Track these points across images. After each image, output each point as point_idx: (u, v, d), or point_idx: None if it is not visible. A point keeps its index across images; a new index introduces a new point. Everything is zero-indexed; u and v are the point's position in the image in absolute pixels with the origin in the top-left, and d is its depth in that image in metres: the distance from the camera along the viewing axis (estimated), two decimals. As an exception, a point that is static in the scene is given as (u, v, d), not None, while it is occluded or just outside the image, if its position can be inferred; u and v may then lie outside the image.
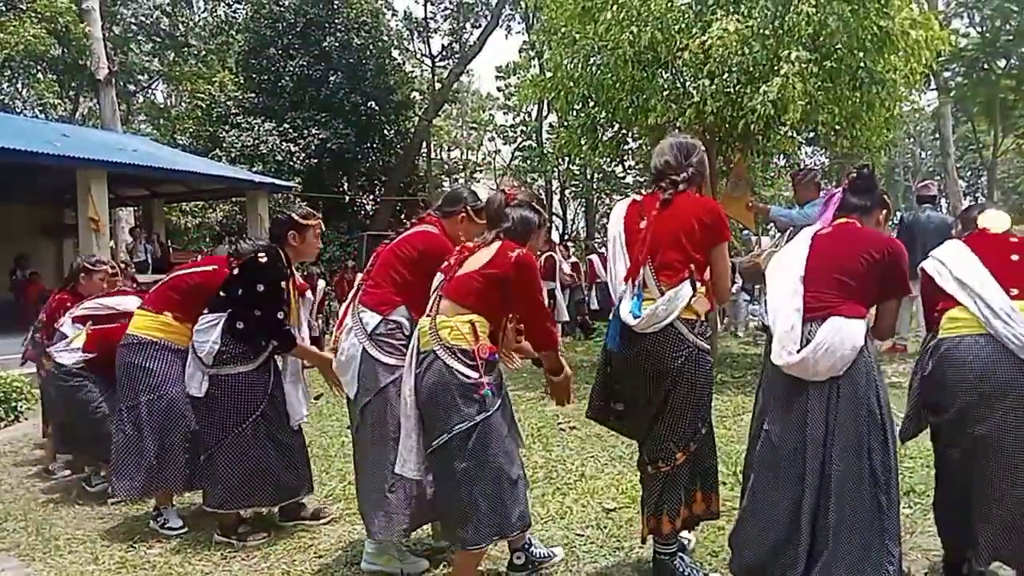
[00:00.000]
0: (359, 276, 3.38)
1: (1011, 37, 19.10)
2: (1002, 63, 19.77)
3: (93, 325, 4.41)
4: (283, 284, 3.47)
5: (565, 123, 8.90)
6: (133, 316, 3.96)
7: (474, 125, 31.63)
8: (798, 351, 2.60)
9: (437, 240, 3.14)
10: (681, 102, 7.08)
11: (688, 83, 7.23)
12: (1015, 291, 2.55)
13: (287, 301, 3.49)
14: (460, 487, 2.60)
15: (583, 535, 3.45)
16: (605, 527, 3.52)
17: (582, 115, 7.93)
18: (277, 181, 16.15)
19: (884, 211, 2.91)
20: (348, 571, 3.15)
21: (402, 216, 24.01)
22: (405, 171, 23.33)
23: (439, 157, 30.29)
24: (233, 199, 19.87)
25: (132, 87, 28.27)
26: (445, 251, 2.99)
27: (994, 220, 2.94)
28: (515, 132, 26.61)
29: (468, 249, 2.84)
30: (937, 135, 24.88)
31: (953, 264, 2.71)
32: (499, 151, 31.30)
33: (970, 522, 2.61)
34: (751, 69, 6.61)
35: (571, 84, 7.57)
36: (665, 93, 7.15)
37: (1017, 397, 2.48)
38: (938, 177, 24.62)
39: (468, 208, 3.24)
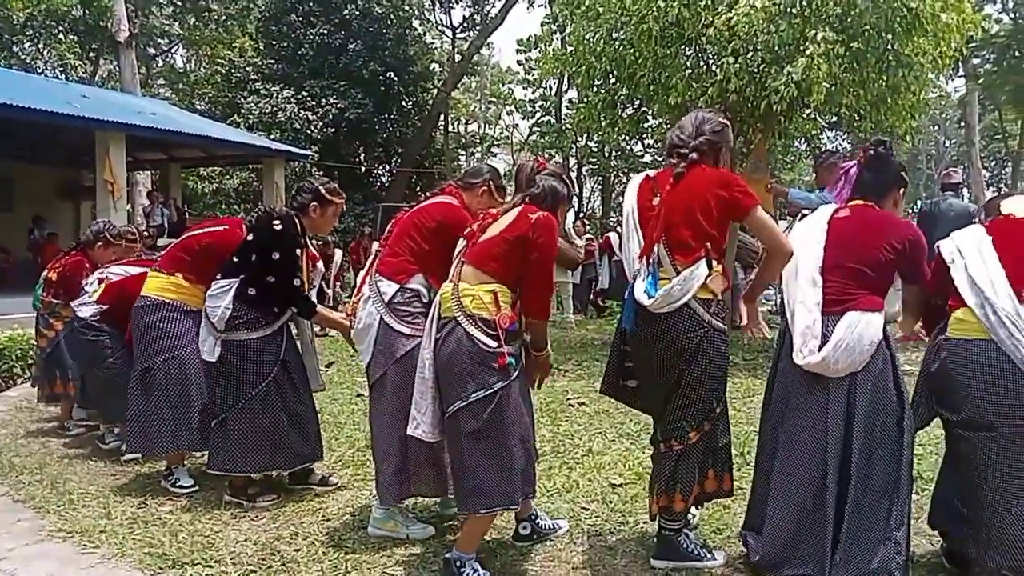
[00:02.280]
0: (375, 245, 3.38)
1: (1044, 24, 18.71)
2: (1033, 51, 19.35)
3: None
4: (297, 252, 3.48)
5: (585, 99, 8.83)
6: (147, 276, 4.00)
7: (493, 99, 31.40)
8: (819, 348, 2.60)
9: (456, 211, 3.13)
10: (704, 80, 7.00)
11: (712, 61, 7.15)
12: None
13: (300, 269, 3.50)
14: (473, 454, 2.62)
15: (588, 509, 3.47)
16: (611, 502, 3.54)
17: (602, 91, 7.86)
18: (294, 149, 16.15)
19: (901, 189, 2.85)
20: (355, 535, 3.19)
21: (417, 188, 24.04)
22: (422, 143, 23.25)
23: (456, 130, 30.14)
24: (250, 166, 19.93)
25: (152, 50, 28.27)
26: (463, 222, 2.99)
27: (1019, 205, 2.88)
28: (534, 107, 26.38)
29: (492, 215, 2.83)
30: (962, 123, 24.47)
31: (969, 256, 2.63)
32: (517, 126, 31.09)
33: (970, 514, 2.60)
34: (776, 49, 6.50)
35: (593, 59, 7.50)
36: (688, 71, 7.06)
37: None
38: (962, 166, 24.26)
39: (491, 183, 3.24)
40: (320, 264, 4.06)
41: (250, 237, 3.53)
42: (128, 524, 3.35)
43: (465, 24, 25.00)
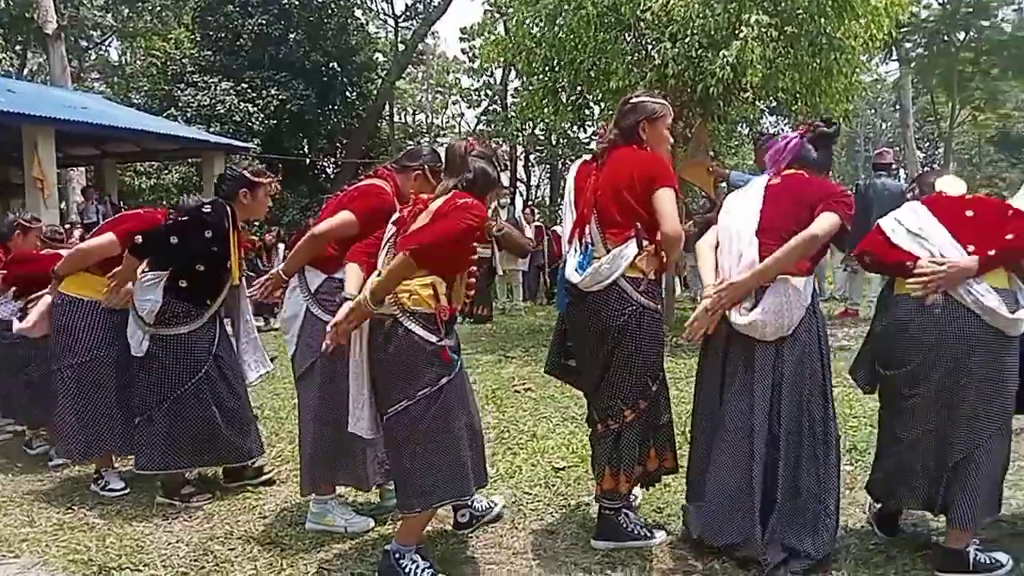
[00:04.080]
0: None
1: (971, 10, 19.33)
2: (961, 35, 20.00)
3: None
4: (228, 240, 3.37)
5: (529, 86, 8.79)
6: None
7: (440, 89, 31.13)
8: (749, 310, 2.62)
9: (380, 195, 3.05)
10: (643, 65, 7.02)
11: (651, 46, 7.17)
12: (971, 248, 2.51)
13: (229, 257, 3.40)
14: (420, 454, 2.53)
15: (531, 493, 3.46)
16: (553, 485, 3.54)
17: (544, 77, 7.83)
18: (234, 142, 15.76)
19: (828, 172, 2.91)
20: (292, 531, 3.12)
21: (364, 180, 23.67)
22: (367, 134, 22.93)
23: (403, 120, 29.80)
24: (189, 160, 19.38)
25: (85, 43, 27.27)
26: (389, 206, 2.92)
27: (950, 184, 2.95)
28: (479, 96, 26.24)
29: (423, 201, 2.75)
30: (897, 106, 25.20)
31: (908, 220, 2.70)
32: (463, 115, 30.88)
33: (909, 477, 2.65)
34: (712, 33, 6.56)
35: (533, 45, 7.46)
36: (627, 56, 7.07)
37: (978, 361, 2.45)
38: (897, 148, 24.98)
39: (426, 166, 3.16)
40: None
41: (179, 224, 3.40)
42: (53, 531, 3.22)
43: (408, 13, 24.70)
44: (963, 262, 2.47)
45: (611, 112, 9.32)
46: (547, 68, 7.77)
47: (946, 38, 20.02)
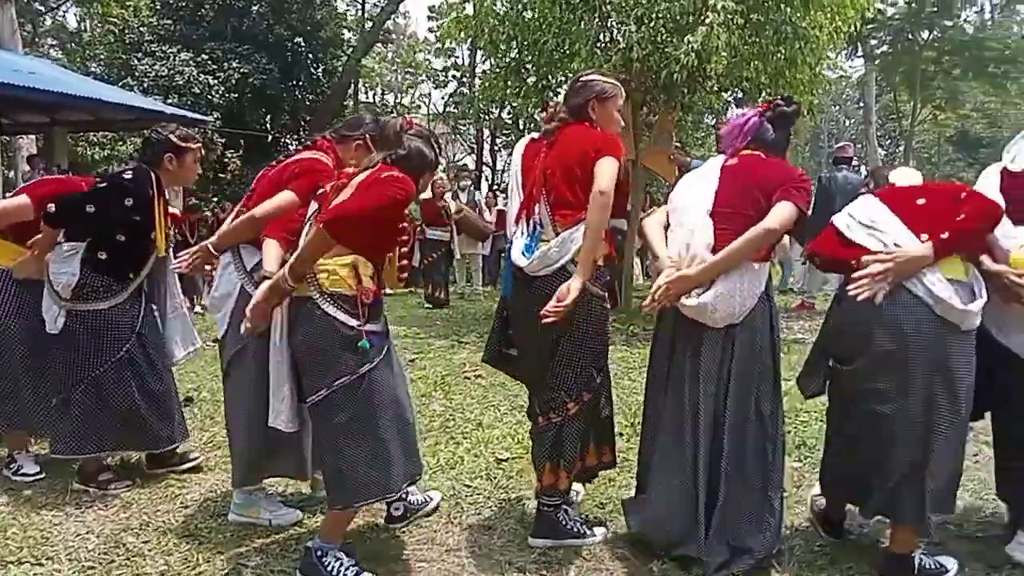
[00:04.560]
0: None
1: (935, 9, 19.54)
2: (925, 34, 20.23)
3: None
4: (152, 208, 3.16)
5: (497, 68, 8.60)
6: None
7: (410, 69, 30.62)
8: (700, 294, 2.50)
9: (324, 169, 2.85)
10: (607, 49, 6.88)
11: (615, 29, 7.03)
12: (924, 236, 2.41)
13: (154, 227, 3.18)
14: (343, 446, 2.37)
15: (471, 486, 3.32)
16: (495, 478, 3.41)
17: (508, 58, 7.64)
18: (190, 114, 15.22)
19: (789, 150, 2.79)
20: (213, 523, 2.94)
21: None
22: (332, 111, 22.40)
23: (372, 100, 29.30)
24: (144, 131, 18.72)
25: (40, 7, 26.29)
26: (321, 180, 2.73)
27: (905, 176, 2.87)
28: (447, 76, 25.86)
29: (347, 175, 2.57)
30: (861, 103, 25.47)
31: (860, 213, 2.61)
32: (430, 95, 30.43)
33: (858, 477, 2.57)
34: (678, 17, 6.44)
35: (496, 23, 7.26)
36: (591, 38, 6.92)
37: (930, 356, 2.35)
38: (859, 144, 25.30)
39: (368, 135, 2.96)
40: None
41: (95, 193, 3.17)
42: (-49, 519, 2.99)
43: (376, -11, 24.19)
44: (914, 249, 2.36)
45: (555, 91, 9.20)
46: (510, 47, 7.58)
47: (910, 36, 20.23)
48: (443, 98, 27.20)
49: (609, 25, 7.13)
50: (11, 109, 12.54)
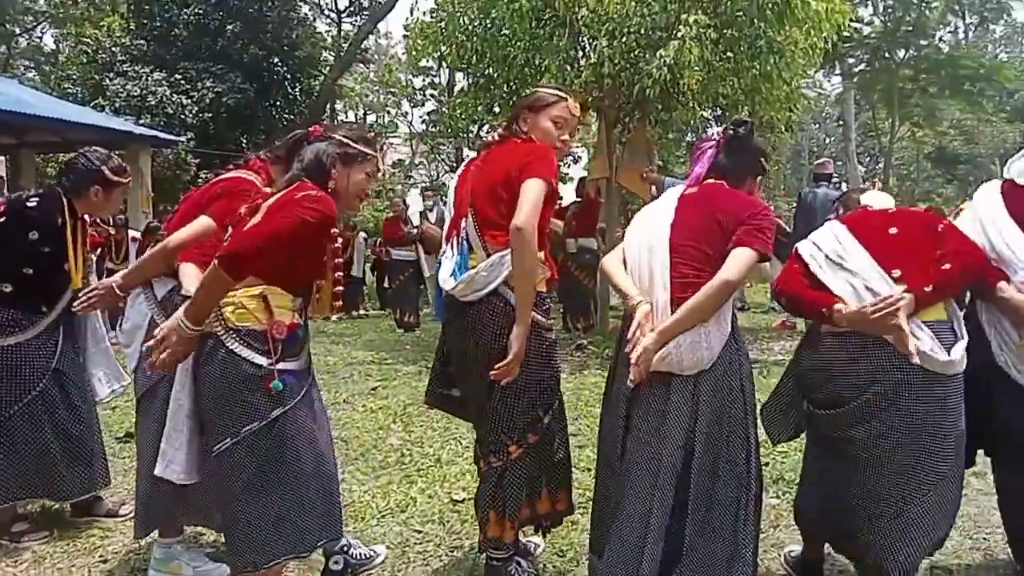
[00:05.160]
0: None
1: (911, 28, 19.68)
2: (901, 53, 20.36)
3: None
4: (62, 238, 2.89)
5: (468, 85, 8.42)
6: None
7: (392, 89, 30.44)
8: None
9: (248, 190, 2.58)
10: (578, 64, 6.70)
11: (587, 44, 6.86)
12: (897, 272, 2.22)
13: (67, 258, 2.91)
14: (250, 501, 2.08)
15: (422, 531, 3.06)
16: (448, 522, 3.14)
17: (477, 74, 7.46)
18: (161, 134, 14.96)
19: (758, 177, 2.52)
20: (131, 580, 2.65)
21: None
22: (309, 132, 22.26)
23: (353, 120, 29.07)
24: (118, 152, 18.42)
25: (16, 29, 26.05)
26: (247, 201, 2.47)
27: (876, 199, 2.68)
28: (424, 96, 25.69)
29: (264, 196, 2.31)
30: (841, 121, 25.59)
31: (827, 244, 2.39)
32: (407, 114, 30.22)
33: (838, 521, 2.33)
34: (650, 32, 6.28)
35: (464, 38, 7.06)
36: (562, 53, 6.74)
37: (914, 404, 2.14)
38: (839, 162, 25.38)
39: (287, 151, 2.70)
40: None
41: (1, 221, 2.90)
42: None
43: (352, 7, 24.07)
44: (895, 302, 2.13)
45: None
46: (480, 63, 7.38)
47: (887, 55, 20.33)
48: (421, 117, 27.04)
49: (580, 40, 6.96)
50: (-26, 130, 12.21)
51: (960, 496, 2.29)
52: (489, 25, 6.97)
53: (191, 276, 2.36)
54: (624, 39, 6.36)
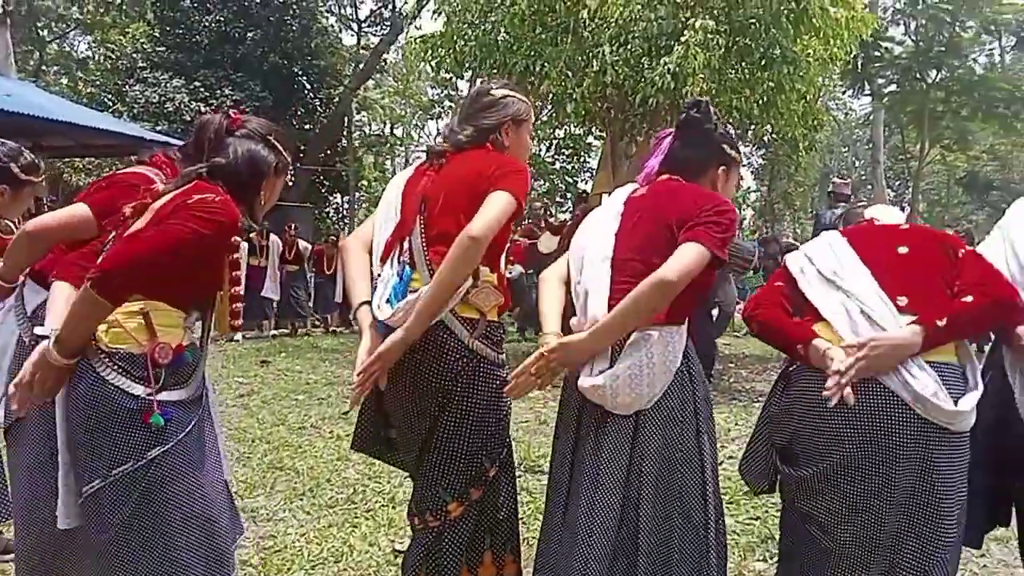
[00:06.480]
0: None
1: (943, 48, 19.10)
2: (933, 73, 19.77)
3: None
4: None
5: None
6: None
7: (413, 100, 30.32)
8: (602, 371, 1.87)
9: (138, 185, 2.23)
10: (579, 71, 6.33)
11: (589, 51, 6.49)
12: (903, 300, 1.81)
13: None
14: (114, 555, 1.74)
15: (350, 589, 2.67)
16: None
17: (475, 81, 7.13)
18: (173, 140, 14.83)
19: (724, 168, 2.08)
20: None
21: (323, 190, 22.93)
22: (328, 142, 22.19)
23: (376, 132, 29.02)
24: (133, 158, 18.43)
25: (46, 35, 26.51)
26: (134, 198, 2.12)
27: (883, 212, 2.25)
28: (440, 107, 25.47)
29: (153, 194, 1.97)
30: (870, 143, 24.97)
31: (822, 259, 1.98)
32: (423, 126, 30.08)
33: None
34: (655, 38, 5.90)
35: (462, 42, 6.74)
36: (563, 60, 6.38)
37: (907, 466, 1.72)
38: (868, 185, 24.74)
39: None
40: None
41: None
42: None
43: (372, 18, 24.03)
44: (898, 337, 1.73)
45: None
46: (481, 70, 7.05)
47: (918, 76, 19.74)
48: (439, 130, 26.84)
49: (583, 46, 6.59)
50: (-8, 133, 12.14)
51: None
52: (489, 30, 6.64)
53: (60, 301, 1.99)
54: (628, 45, 6.00)
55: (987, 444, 1.84)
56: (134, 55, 20.03)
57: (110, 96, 19.53)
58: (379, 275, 2.12)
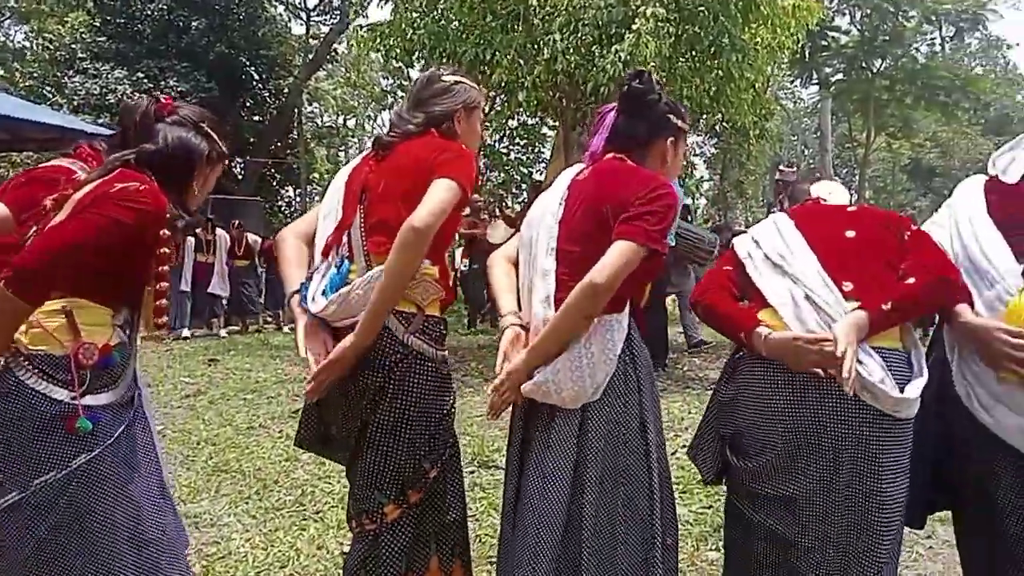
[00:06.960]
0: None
1: (887, 38, 19.55)
2: (878, 62, 20.24)
3: None
4: None
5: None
6: None
7: (366, 90, 29.87)
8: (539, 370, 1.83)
9: (50, 174, 2.09)
10: (530, 59, 6.26)
11: (539, 38, 6.42)
12: (849, 285, 1.78)
13: None
14: (40, 568, 1.63)
15: (296, 594, 2.58)
16: (329, 582, 2.67)
17: (424, 69, 7.01)
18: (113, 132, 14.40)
19: (672, 139, 1.98)
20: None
21: (273, 183, 22.47)
22: (278, 133, 21.74)
23: (328, 123, 28.54)
24: (74, 152, 17.82)
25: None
26: (54, 192, 1.99)
27: (829, 190, 2.24)
28: (393, 97, 25.15)
29: (75, 184, 1.85)
30: (819, 132, 25.46)
31: (768, 241, 1.95)
32: (376, 117, 29.65)
33: None
34: (606, 26, 5.86)
35: (411, 31, 6.60)
36: (514, 47, 6.30)
37: (849, 454, 1.70)
38: (817, 175, 25.21)
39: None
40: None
41: None
42: None
43: (321, 7, 23.56)
44: (843, 328, 1.68)
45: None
46: (431, 59, 6.93)
47: (864, 64, 20.20)
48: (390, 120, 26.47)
49: (534, 34, 6.52)
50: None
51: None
52: (438, 18, 6.52)
53: None
54: (579, 33, 5.95)
55: (925, 420, 1.83)
56: (73, 45, 19.32)
57: (49, 88, 18.84)
58: (316, 268, 2.04)
